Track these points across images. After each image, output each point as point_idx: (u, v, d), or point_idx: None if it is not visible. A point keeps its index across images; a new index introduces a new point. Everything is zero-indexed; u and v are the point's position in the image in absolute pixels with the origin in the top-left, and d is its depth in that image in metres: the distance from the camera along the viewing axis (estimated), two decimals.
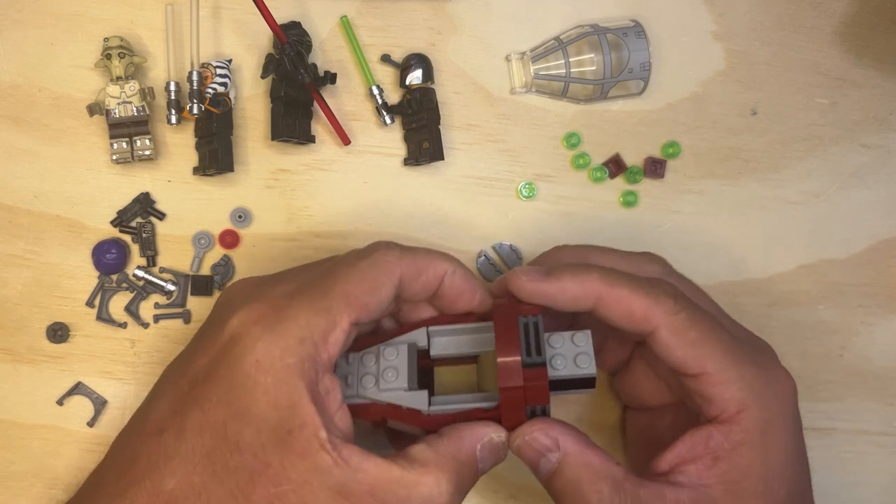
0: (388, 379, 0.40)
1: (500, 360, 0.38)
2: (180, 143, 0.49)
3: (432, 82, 0.50)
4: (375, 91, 0.49)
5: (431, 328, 0.41)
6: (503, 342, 0.38)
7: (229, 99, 0.48)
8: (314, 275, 0.40)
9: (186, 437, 0.37)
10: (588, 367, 0.40)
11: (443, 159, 0.49)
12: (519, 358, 0.38)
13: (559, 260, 0.44)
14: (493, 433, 0.39)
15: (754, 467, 0.39)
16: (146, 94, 0.47)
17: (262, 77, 0.48)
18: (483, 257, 0.50)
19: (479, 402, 0.40)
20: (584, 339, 0.40)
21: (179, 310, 0.49)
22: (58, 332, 0.48)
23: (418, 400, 0.39)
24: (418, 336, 0.41)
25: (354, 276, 0.38)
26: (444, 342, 0.42)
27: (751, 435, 0.39)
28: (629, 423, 0.48)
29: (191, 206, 0.49)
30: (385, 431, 0.43)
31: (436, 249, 0.41)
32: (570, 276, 0.40)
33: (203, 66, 0.48)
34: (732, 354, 0.39)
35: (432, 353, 0.41)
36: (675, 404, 0.44)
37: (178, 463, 0.37)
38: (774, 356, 0.42)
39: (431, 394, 0.40)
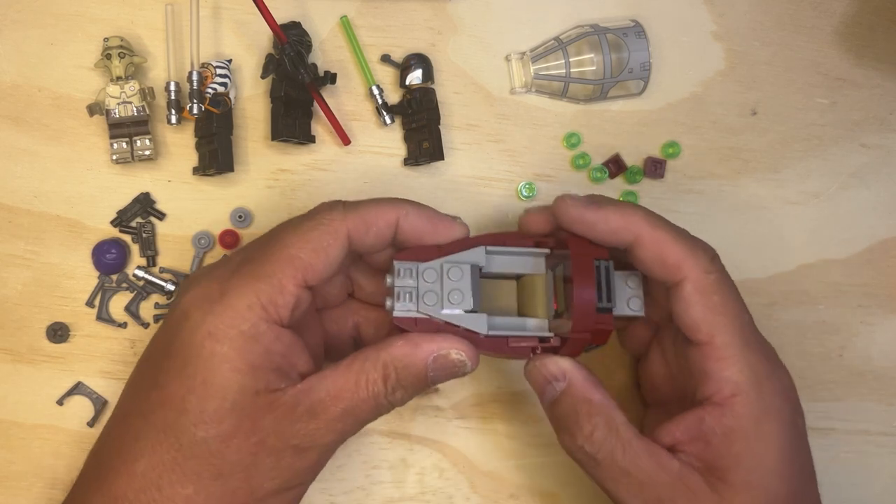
0: (454, 300, 0.40)
1: (577, 301, 0.39)
2: (180, 143, 0.49)
3: (432, 82, 0.50)
4: (375, 91, 0.49)
5: (489, 248, 0.42)
6: (581, 283, 0.39)
7: (229, 99, 0.48)
8: (259, 244, 0.40)
9: (148, 417, 0.38)
10: (638, 309, 0.42)
11: (443, 159, 0.49)
12: (594, 301, 0.39)
13: None
14: (451, 348, 0.39)
15: (745, 458, 0.39)
16: (146, 94, 0.47)
17: (262, 77, 0.48)
18: None
19: (535, 332, 0.41)
20: (635, 281, 0.42)
21: None
22: (58, 332, 0.48)
23: (478, 322, 0.40)
24: (476, 255, 0.41)
25: (297, 239, 0.39)
26: (500, 261, 0.42)
27: (742, 422, 0.39)
28: (646, 421, 0.48)
29: (191, 206, 0.49)
30: None
31: (386, 198, 0.41)
32: (615, 208, 0.41)
33: (203, 66, 0.48)
34: (743, 335, 0.39)
35: (485, 270, 0.42)
36: (679, 398, 0.44)
37: (144, 444, 0.38)
38: (778, 359, 0.42)
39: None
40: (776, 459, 0.39)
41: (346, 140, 0.49)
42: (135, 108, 0.47)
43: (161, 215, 0.49)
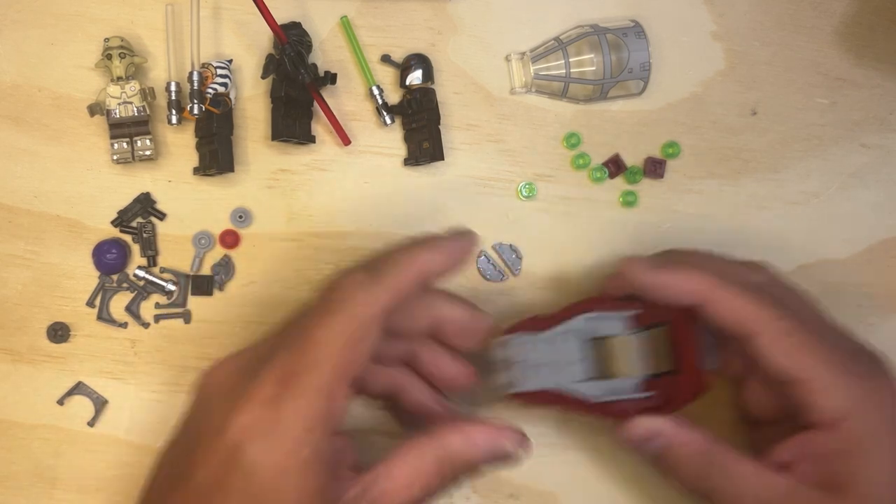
0: (574, 373, 0.43)
1: (686, 368, 0.43)
2: (181, 144, 0.49)
3: (432, 82, 0.50)
4: (375, 91, 0.49)
5: (588, 315, 0.44)
6: (689, 352, 0.43)
7: (229, 99, 0.48)
8: (291, 346, 0.37)
9: None
10: (714, 364, 0.45)
11: (443, 159, 0.49)
12: (702, 367, 0.43)
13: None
14: (507, 442, 0.40)
15: (862, 473, 0.39)
16: (147, 94, 0.47)
17: (263, 77, 0.48)
18: (483, 257, 0.50)
19: (634, 394, 0.44)
20: (708, 336, 0.44)
21: (180, 310, 0.49)
22: (58, 332, 0.48)
23: (590, 389, 0.43)
24: (577, 324, 0.44)
25: (335, 339, 0.36)
26: (592, 327, 0.44)
27: (851, 444, 0.39)
28: (756, 437, 0.48)
29: (191, 206, 0.49)
30: (394, 415, 0.46)
31: (402, 249, 0.40)
32: (683, 271, 0.42)
33: (203, 66, 0.48)
34: (831, 364, 0.40)
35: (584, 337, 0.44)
36: (785, 418, 0.44)
37: None
38: (882, 365, 0.42)
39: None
40: (892, 471, 0.40)
41: (346, 140, 0.49)
42: (135, 109, 0.47)
43: (161, 215, 0.49)
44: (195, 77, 0.47)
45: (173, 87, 0.47)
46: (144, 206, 0.49)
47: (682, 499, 0.50)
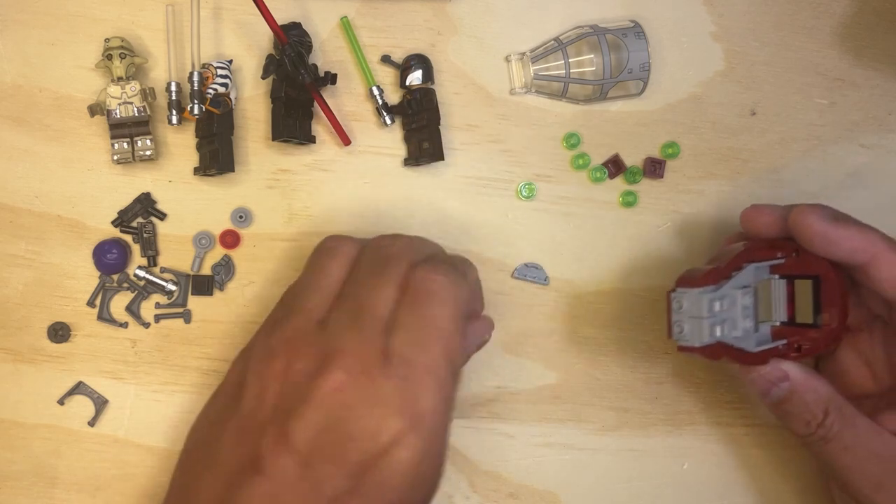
0: (748, 328, 0.43)
1: (839, 321, 0.43)
2: (181, 144, 0.49)
3: (432, 83, 0.50)
4: (375, 91, 0.49)
5: (756, 265, 0.44)
6: (842, 311, 0.43)
7: (230, 99, 0.48)
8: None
9: None
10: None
11: (443, 159, 0.49)
12: (844, 321, 0.43)
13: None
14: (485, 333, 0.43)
15: None
16: (147, 94, 0.47)
17: (263, 77, 0.48)
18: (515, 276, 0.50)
19: (769, 342, 0.44)
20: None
21: (180, 310, 0.49)
22: (59, 332, 0.48)
23: (751, 342, 0.43)
24: (747, 275, 0.43)
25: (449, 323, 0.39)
26: (749, 274, 0.44)
27: None
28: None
29: (191, 207, 0.49)
30: None
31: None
32: (857, 229, 0.41)
33: (204, 66, 0.48)
34: None
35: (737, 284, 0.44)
36: (878, 394, 0.45)
37: None
38: None
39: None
40: None
41: (346, 140, 0.49)
42: (136, 109, 0.47)
43: (162, 215, 0.49)
44: (195, 77, 0.47)
45: (173, 88, 0.47)
46: (145, 206, 0.49)
47: (684, 498, 0.50)
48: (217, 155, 0.47)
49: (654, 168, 0.51)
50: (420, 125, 0.49)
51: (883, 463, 0.41)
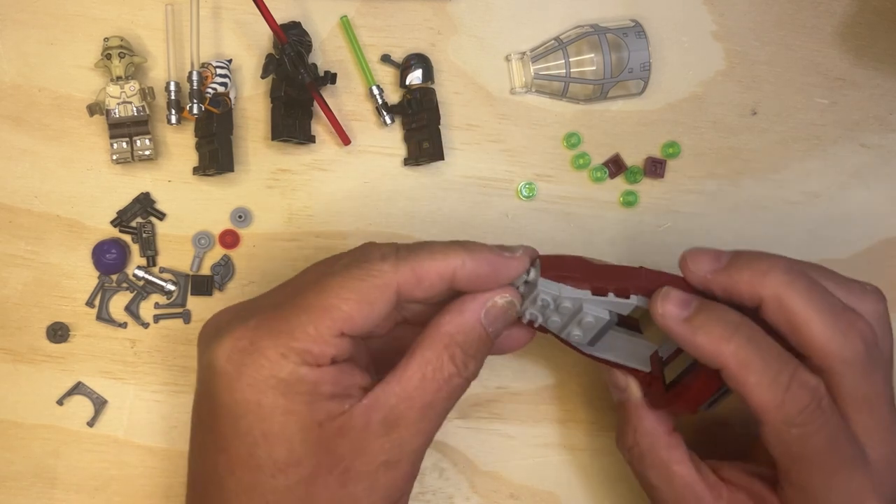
0: (574, 338, 0.41)
1: (691, 407, 0.42)
2: (180, 143, 0.49)
3: (432, 82, 0.50)
4: (375, 91, 0.49)
5: (640, 304, 0.40)
6: (703, 397, 0.42)
7: (229, 99, 0.48)
8: (295, 286, 0.38)
9: (224, 483, 0.36)
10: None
11: (443, 159, 0.49)
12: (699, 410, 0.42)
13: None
14: (495, 296, 0.39)
15: None
16: (146, 93, 0.47)
17: (263, 77, 0.48)
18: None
19: (633, 363, 0.43)
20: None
21: (179, 310, 0.49)
22: (58, 332, 0.48)
23: (588, 348, 0.42)
24: (622, 307, 0.40)
25: (341, 290, 0.36)
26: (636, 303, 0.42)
27: None
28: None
29: (191, 206, 0.49)
30: None
31: (440, 243, 0.39)
32: (710, 336, 0.38)
33: (203, 66, 0.48)
34: (825, 479, 0.38)
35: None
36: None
37: None
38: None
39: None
40: None
41: (346, 140, 0.49)
42: (135, 108, 0.47)
43: (161, 215, 0.49)
44: (195, 77, 0.47)
45: (173, 87, 0.47)
46: (144, 206, 0.49)
47: None
48: (216, 155, 0.47)
49: (654, 168, 0.51)
50: (420, 125, 0.49)
51: None
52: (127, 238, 0.49)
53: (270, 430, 0.35)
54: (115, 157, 0.47)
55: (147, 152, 0.47)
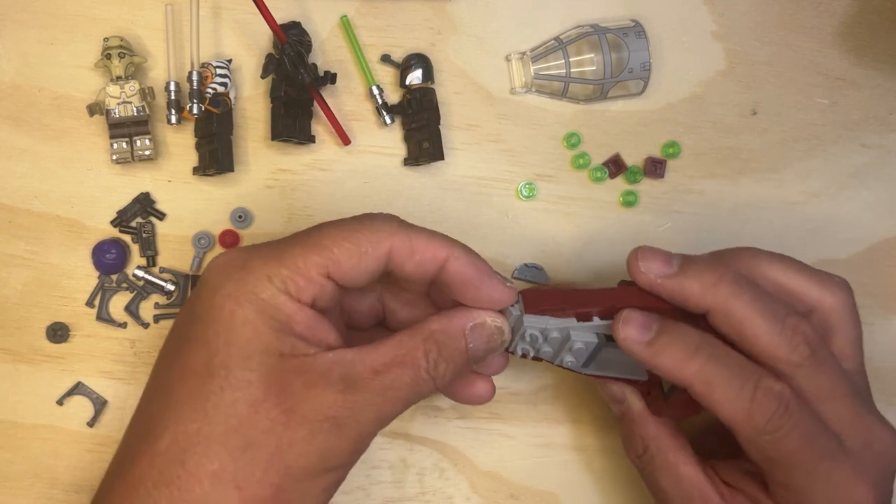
0: (567, 364, 0.42)
1: (685, 412, 0.43)
2: (180, 143, 0.49)
3: (432, 82, 0.50)
4: (375, 91, 0.49)
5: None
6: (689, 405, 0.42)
7: (229, 99, 0.48)
8: (301, 232, 0.39)
9: (173, 390, 0.36)
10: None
11: (443, 159, 0.49)
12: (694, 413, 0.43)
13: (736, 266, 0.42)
14: (487, 316, 0.39)
15: None
16: (146, 93, 0.47)
17: (262, 77, 0.48)
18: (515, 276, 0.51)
19: (629, 374, 0.43)
20: None
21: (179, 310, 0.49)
22: (58, 332, 0.48)
23: (584, 369, 0.43)
24: (605, 328, 0.41)
25: (337, 234, 0.38)
26: None
27: None
28: (708, 440, 0.48)
29: (191, 206, 0.49)
30: None
31: (441, 233, 0.39)
32: (672, 357, 0.39)
33: (203, 66, 0.48)
34: (808, 476, 0.39)
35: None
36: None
37: (168, 418, 0.36)
38: (879, 460, 0.40)
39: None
40: None
41: (346, 140, 0.49)
42: (135, 108, 0.47)
43: (161, 215, 0.49)
44: (195, 77, 0.47)
45: (173, 87, 0.47)
46: (144, 206, 0.48)
47: None
48: (216, 155, 0.47)
49: (654, 168, 0.51)
50: (420, 125, 0.49)
51: None
52: (127, 238, 0.49)
53: (234, 340, 0.36)
54: (115, 157, 0.47)
55: (147, 152, 0.47)
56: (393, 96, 0.50)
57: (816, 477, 0.39)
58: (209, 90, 0.47)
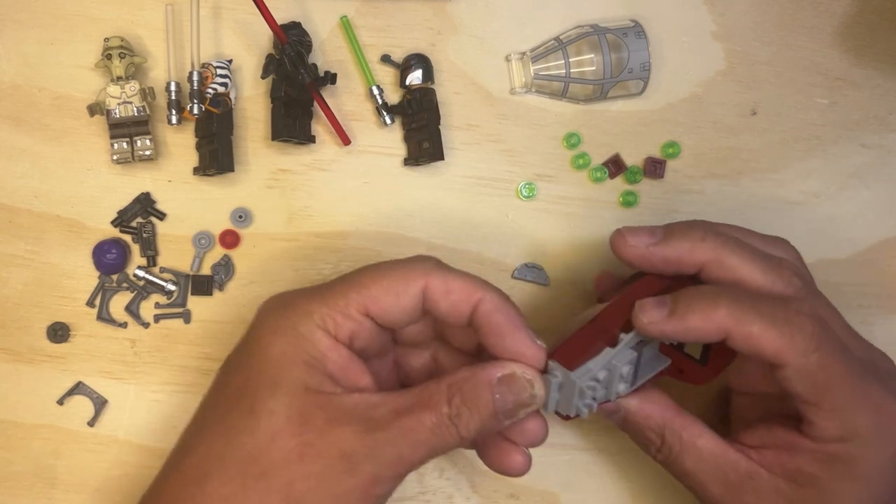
0: (622, 391, 0.41)
1: (718, 370, 0.44)
2: (181, 144, 0.49)
3: (432, 82, 0.50)
4: (375, 91, 0.49)
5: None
6: (725, 358, 0.44)
7: (229, 99, 0.48)
8: (345, 274, 0.41)
9: (210, 411, 0.39)
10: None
11: (443, 159, 0.49)
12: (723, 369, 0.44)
13: (690, 242, 0.42)
14: (517, 368, 0.38)
15: (842, 491, 0.39)
16: (146, 94, 0.47)
17: (263, 77, 0.48)
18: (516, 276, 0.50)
19: (657, 363, 0.43)
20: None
21: (180, 310, 0.49)
22: (58, 332, 0.48)
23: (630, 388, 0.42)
24: (633, 336, 0.41)
25: (375, 273, 0.39)
26: None
27: (839, 462, 0.39)
28: (733, 404, 0.48)
29: (191, 206, 0.49)
30: None
31: (478, 277, 0.40)
32: (700, 312, 0.39)
33: (203, 66, 0.48)
34: (852, 395, 0.39)
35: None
36: (779, 394, 0.44)
37: (200, 437, 0.38)
38: (890, 378, 0.41)
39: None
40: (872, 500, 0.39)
41: (346, 140, 0.49)
42: (135, 109, 0.47)
43: (161, 215, 0.49)
44: (195, 77, 0.47)
45: (173, 87, 0.47)
46: (144, 206, 0.49)
47: (684, 497, 0.50)
48: (217, 155, 0.47)
49: (654, 168, 0.51)
50: (420, 125, 0.49)
51: (725, 480, 0.41)
52: (127, 238, 0.49)
53: (266, 369, 0.37)
54: (115, 157, 0.47)
55: (147, 152, 0.47)
56: (393, 96, 0.50)
57: (858, 397, 0.39)
58: (209, 90, 0.47)
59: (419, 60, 0.49)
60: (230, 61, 0.48)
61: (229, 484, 0.36)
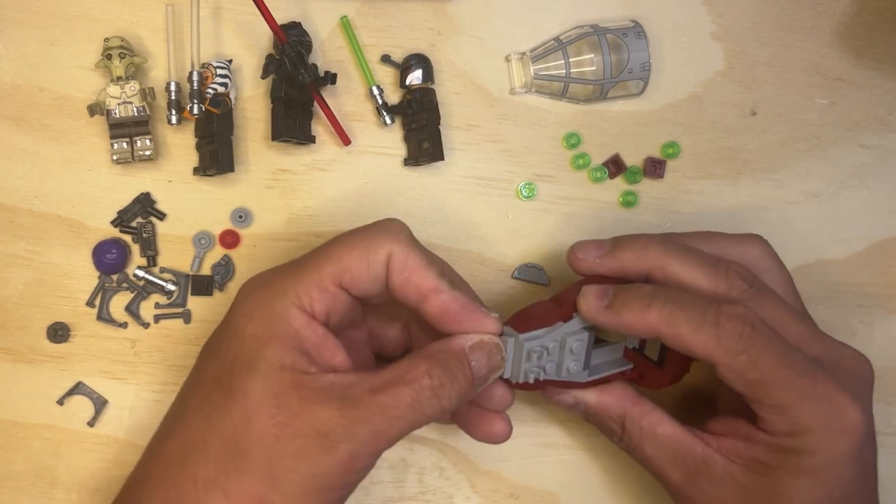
0: (573, 370, 0.43)
1: (677, 371, 0.45)
2: (181, 144, 0.49)
3: (432, 82, 0.50)
4: (375, 91, 0.49)
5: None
6: (682, 359, 0.44)
7: (229, 99, 0.48)
8: (320, 245, 0.41)
9: (189, 397, 0.39)
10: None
11: (443, 159, 0.49)
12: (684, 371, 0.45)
13: (642, 258, 0.43)
14: (483, 335, 0.40)
15: (795, 484, 0.39)
16: (147, 94, 0.47)
17: (263, 77, 0.48)
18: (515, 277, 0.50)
19: (616, 367, 0.44)
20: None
21: (180, 310, 0.49)
22: (58, 332, 0.48)
23: (582, 375, 0.44)
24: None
25: (347, 242, 0.39)
26: None
27: (794, 453, 0.39)
28: (719, 395, 0.48)
29: (191, 207, 0.49)
30: None
31: (440, 260, 0.41)
32: (633, 311, 0.40)
33: (203, 66, 0.48)
34: (796, 391, 0.39)
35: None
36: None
37: (181, 422, 0.38)
38: (852, 376, 0.41)
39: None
40: (837, 499, 0.39)
41: (346, 140, 0.49)
42: (135, 109, 0.47)
43: (161, 215, 0.49)
44: (195, 77, 0.47)
45: (173, 87, 0.47)
46: (144, 206, 0.49)
47: None
48: (217, 155, 0.47)
49: (654, 168, 0.51)
50: (420, 125, 0.49)
51: (683, 466, 0.42)
52: (127, 238, 0.49)
53: (241, 354, 0.37)
54: (115, 158, 0.47)
55: (147, 152, 0.47)
56: (393, 96, 0.50)
57: (801, 391, 0.39)
58: (209, 90, 0.47)
59: (419, 60, 0.49)
60: (230, 61, 0.48)
61: (210, 465, 0.36)
